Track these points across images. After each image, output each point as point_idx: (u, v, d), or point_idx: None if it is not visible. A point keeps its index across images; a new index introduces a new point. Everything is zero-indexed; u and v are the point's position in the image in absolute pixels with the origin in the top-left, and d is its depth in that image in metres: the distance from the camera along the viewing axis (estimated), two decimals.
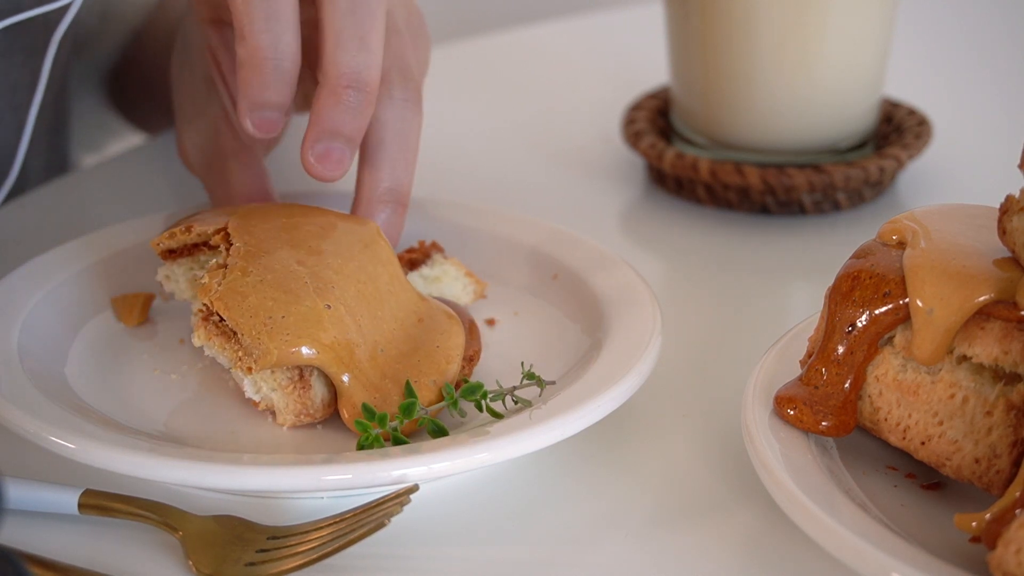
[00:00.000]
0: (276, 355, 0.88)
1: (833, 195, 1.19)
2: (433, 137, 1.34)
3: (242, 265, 0.91)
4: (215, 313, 0.90)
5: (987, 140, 1.32)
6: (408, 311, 0.94)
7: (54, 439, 0.85)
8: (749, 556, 0.85)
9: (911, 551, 0.78)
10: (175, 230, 0.96)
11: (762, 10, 1.16)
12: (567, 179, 1.26)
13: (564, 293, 1.02)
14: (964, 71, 1.48)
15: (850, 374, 0.86)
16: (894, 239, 0.88)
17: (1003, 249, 0.85)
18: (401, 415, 0.88)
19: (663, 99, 1.28)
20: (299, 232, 0.94)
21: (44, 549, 0.83)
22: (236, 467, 0.83)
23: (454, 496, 0.88)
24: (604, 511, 0.88)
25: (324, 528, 0.82)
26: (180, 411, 0.93)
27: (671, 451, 0.93)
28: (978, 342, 0.83)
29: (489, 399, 0.90)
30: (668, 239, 1.18)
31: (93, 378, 0.95)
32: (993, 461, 0.83)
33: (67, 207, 1.20)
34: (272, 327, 0.88)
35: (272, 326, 0.88)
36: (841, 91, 1.19)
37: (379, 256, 0.94)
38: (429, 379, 0.91)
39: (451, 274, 1.01)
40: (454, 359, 0.92)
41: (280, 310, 0.89)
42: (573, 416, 0.87)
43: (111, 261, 1.03)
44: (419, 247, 1.02)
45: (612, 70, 1.46)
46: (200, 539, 0.83)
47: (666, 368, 0.96)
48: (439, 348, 0.92)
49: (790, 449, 0.85)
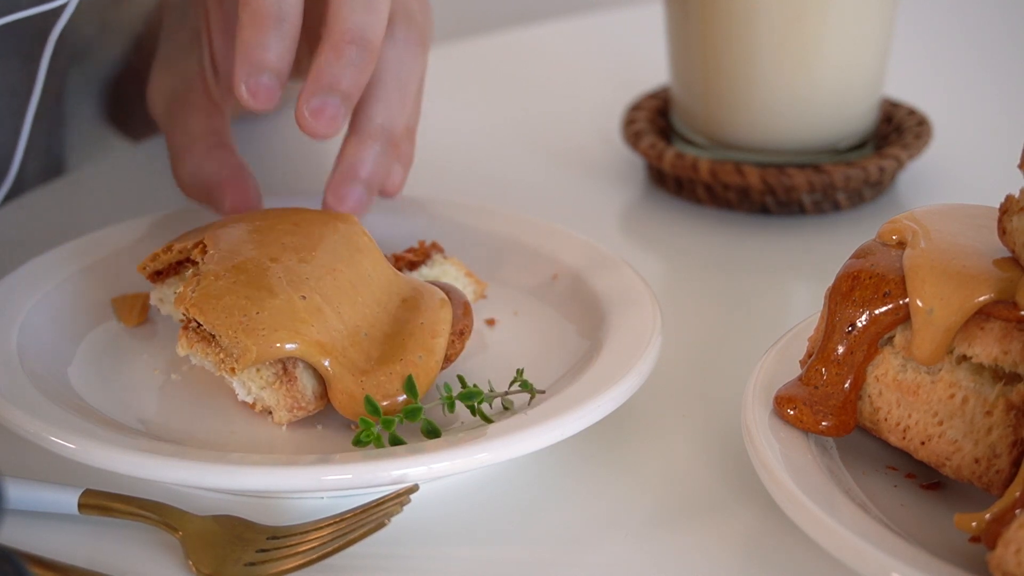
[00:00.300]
0: (256, 351, 0.88)
1: (833, 195, 1.19)
2: (433, 137, 1.34)
3: (215, 270, 0.91)
4: (193, 320, 0.90)
5: (987, 140, 1.32)
6: (391, 293, 0.94)
7: (54, 439, 0.85)
8: (749, 556, 0.85)
9: (911, 551, 0.78)
10: (157, 252, 0.96)
11: (762, 10, 1.16)
12: (567, 179, 1.26)
13: (564, 293, 1.02)
14: (964, 71, 1.48)
15: (850, 374, 0.86)
16: (894, 239, 0.88)
17: (1003, 249, 0.85)
18: (403, 416, 0.89)
19: (663, 99, 1.27)
20: (272, 232, 0.94)
21: (44, 549, 0.83)
22: (236, 467, 0.83)
23: (454, 496, 0.88)
24: (604, 511, 0.88)
25: (324, 528, 0.82)
26: (180, 411, 0.93)
27: (671, 451, 0.93)
28: (978, 342, 0.83)
29: (480, 404, 0.90)
30: (668, 239, 1.18)
31: (93, 378, 0.95)
32: (993, 461, 0.83)
33: (66, 208, 1.20)
34: (248, 324, 0.88)
35: (248, 323, 0.88)
36: (841, 91, 1.19)
37: (356, 244, 0.95)
38: (416, 355, 0.91)
39: (451, 274, 1.01)
40: (440, 333, 0.92)
41: (254, 307, 0.89)
42: (573, 416, 0.87)
43: (110, 261, 1.03)
44: (419, 247, 1.02)
45: (612, 70, 1.46)
46: (200, 539, 0.83)
47: (666, 368, 0.96)
48: (424, 324, 0.92)
49: (790, 449, 0.85)
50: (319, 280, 0.91)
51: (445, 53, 1.51)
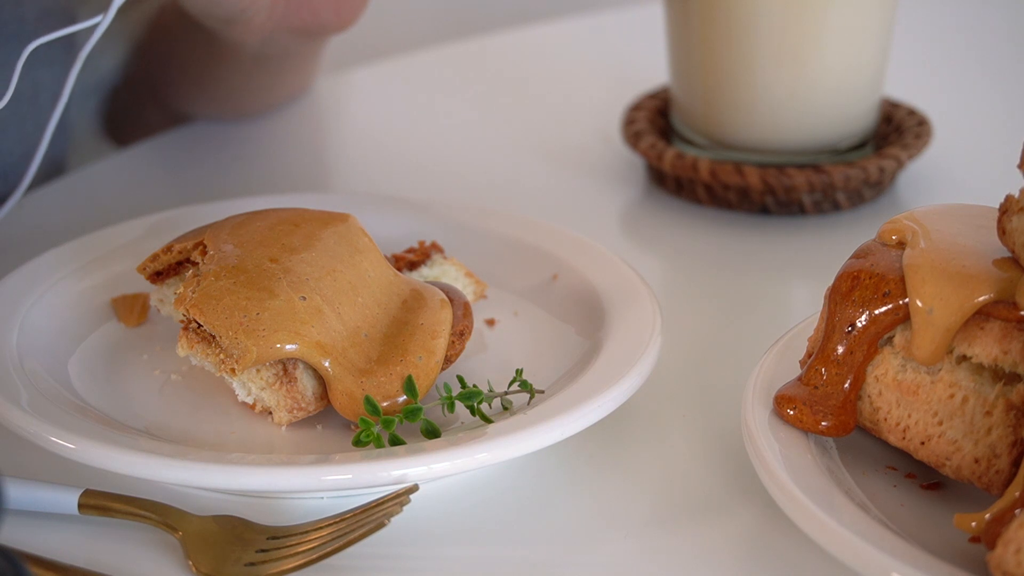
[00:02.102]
0: (255, 352, 0.88)
1: (833, 195, 1.19)
2: (433, 137, 1.35)
3: (215, 270, 0.91)
4: (193, 320, 0.90)
5: (987, 140, 1.32)
6: (391, 294, 0.94)
7: (54, 439, 0.85)
8: (749, 556, 0.85)
9: (911, 551, 0.78)
10: (157, 252, 0.96)
11: (762, 11, 1.16)
12: (567, 179, 1.26)
13: (564, 293, 1.02)
14: (964, 71, 1.48)
15: (850, 374, 0.86)
16: (894, 239, 0.88)
17: (1003, 249, 0.85)
18: (403, 417, 0.89)
19: (663, 99, 1.27)
20: (273, 232, 0.94)
21: (44, 549, 0.83)
22: (236, 467, 0.83)
23: (454, 496, 0.88)
24: (604, 511, 0.88)
25: (324, 528, 0.82)
26: (180, 411, 0.93)
27: (671, 451, 0.93)
28: (978, 342, 0.83)
29: (480, 404, 0.90)
30: (668, 239, 1.18)
31: (93, 378, 0.95)
32: (993, 461, 0.83)
33: (66, 208, 1.20)
34: (248, 325, 0.88)
35: (248, 324, 0.88)
36: (841, 91, 1.19)
37: (356, 245, 0.95)
38: (415, 356, 0.91)
39: (451, 274, 1.01)
40: (440, 334, 0.92)
41: (255, 307, 0.89)
42: (573, 416, 0.87)
43: (111, 261, 1.03)
44: (419, 247, 1.02)
45: (612, 70, 1.46)
46: (200, 539, 0.83)
47: (666, 368, 0.96)
48: (423, 325, 0.92)
49: (790, 449, 0.85)
50: (319, 281, 0.91)
51: (445, 53, 1.51)
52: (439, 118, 1.39)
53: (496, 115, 1.38)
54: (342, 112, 1.40)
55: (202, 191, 1.21)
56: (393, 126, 1.36)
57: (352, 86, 1.44)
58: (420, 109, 1.40)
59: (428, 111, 1.41)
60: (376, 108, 1.41)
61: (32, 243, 1.08)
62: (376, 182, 1.25)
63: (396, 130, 1.35)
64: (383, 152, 1.31)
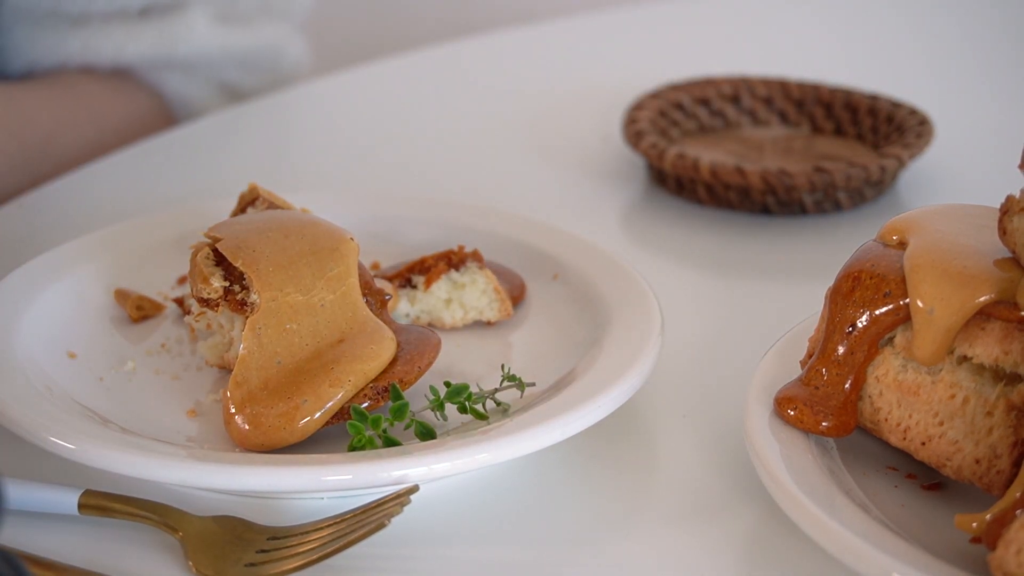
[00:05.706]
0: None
1: (834, 195, 1.19)
2: (434, 137, 1.34)
3: None
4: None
5: (987, 140, 1.32)
6: (334, 327, 0.92)
7: (54, 439, 0.85)
8: (749, 556, 0.85)
9: (911, 551, 0.78)
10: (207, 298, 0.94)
11: None
12: (567, 179, 1.26)
13: (564, 293, 1.02)
14: (966, 71, 1.48)
15: (850, 374, 0.86)
16: (894, 239, 0.88)
17: (1003, 249, 0.85)
18: (392, 417, 0.88)
19: (664, 99, 1.27)
20: (272, 231, 0.93)
21: (44, 549, 0.83)
22: (236, 467, 0.83)
23: (454, 496, 0.88)
24: (605, 511, 0.88)
25: (324, 529, 0.82)
26: (180, 412, 0.93)
27: (671, 451, 0.93)
28: (978, 342, 0.83)
29: (471, 401, 0.90)
30: (668, 239, 1.18)
31: (93, 378, 0.95)
32: (993, 461, 0.83)
33: (66, 208, 1.20)
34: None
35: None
36: None
37: (328, 271, 0.92)
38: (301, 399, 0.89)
39: (479, 286, 1.00)
40: (341, 384, 0.89)
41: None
42: (573, 416, 0.87)
43: (111, 261, 1.03)
44: (458, 250, 1.01)
45: (612, 70, 1.46)
46: (200, 539, 0.83)
47: (666, 368, 0.96)
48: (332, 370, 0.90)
49: (790, 449, 0.85)
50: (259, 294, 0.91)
51: (445, 53, 1.51)
52: (439, 118, 1.39)
53: (496, 115, 1.38)
54: (342, 112, 1.40)
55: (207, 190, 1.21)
56: (393, 126, 1.36)
57: (352, 86, 1.44)
58: (420, 109, 1.40)
59: (428, 111, 1.41)
60: (376, 108, 1.41)
61: (32, 243, 1.08)
62: (376, 182, 1.25)
63: (396, 130, 1.35)
64: (383, 152, 1.31)
